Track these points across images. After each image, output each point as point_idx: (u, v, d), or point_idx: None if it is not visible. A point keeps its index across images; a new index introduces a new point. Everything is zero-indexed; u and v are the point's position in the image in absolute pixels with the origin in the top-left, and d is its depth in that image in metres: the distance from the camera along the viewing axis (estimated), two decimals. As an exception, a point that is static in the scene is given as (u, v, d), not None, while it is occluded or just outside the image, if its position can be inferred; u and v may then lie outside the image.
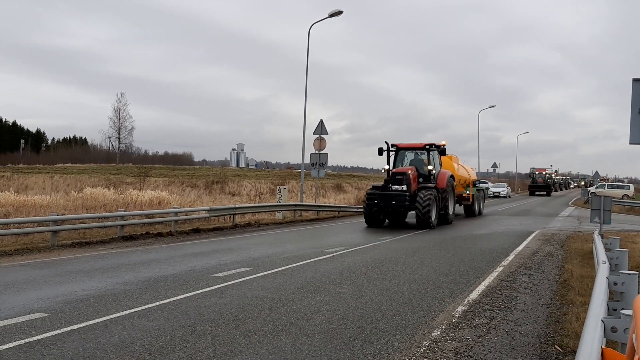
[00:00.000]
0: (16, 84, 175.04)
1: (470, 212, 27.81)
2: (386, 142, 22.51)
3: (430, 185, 21.05)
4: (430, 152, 22.36)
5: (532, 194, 68.28)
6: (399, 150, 22.94)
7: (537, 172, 72.07)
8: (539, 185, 69.15)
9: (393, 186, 20.48)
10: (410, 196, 20.11)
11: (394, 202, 20.06)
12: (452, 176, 23.07)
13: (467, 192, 26.69)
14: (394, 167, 22.10)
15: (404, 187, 20.23)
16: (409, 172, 20.65)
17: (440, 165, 23.08)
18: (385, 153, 22.40)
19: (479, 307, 7.76)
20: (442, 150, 22.42)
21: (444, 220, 22.00)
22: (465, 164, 32.15)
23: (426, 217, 19.86)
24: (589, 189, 56.83)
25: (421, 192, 20.19)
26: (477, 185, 29.34)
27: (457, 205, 26.29)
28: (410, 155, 23.13)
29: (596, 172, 57.99)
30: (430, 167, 21.76)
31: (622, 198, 43.32)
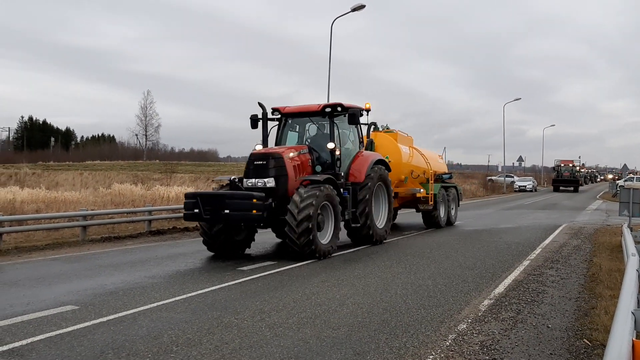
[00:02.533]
0: (47, 84, 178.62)
1: (432, 221, 17.93)
2: (261, 105, 13.08)
3: (326, 176, 11.71)
4: (335, 121, 12.79)
5: (556, 189, 58.77)
6: (286, 118, 13.43)
7: (562, 165, 61.97)
8: (565, 179, 59.51)
9: (248, 181, 11.45)
10: (278, 198, 11.09)
11: (226, 210, 10.45)
12: (382, 162, 14.03)
13: (423, 190, 17.34)
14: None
15: (270, 182, 11.22)
16: (283, 154, 11.55)
17: (372, 145, 15.16)
18: (261, 124, 13.15)
19: (505, 300, 7.69)
20: (351, 116, 12.55)
21: (360, 236, 13.07)
22: (436, 153, 22.21)
23: (304, 242, 10.56)
24: (617, 181, 55.72)
25: (299, 191, 10.86)
26: (444, 180, 19.43)
27: (411, 211, 19.36)
28: (312, 129, 13.60)
29: (624, 165, 56.81)
30: (330, 146, 12.31)
31: (652, 191, 42.38)
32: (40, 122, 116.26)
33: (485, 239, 14.95)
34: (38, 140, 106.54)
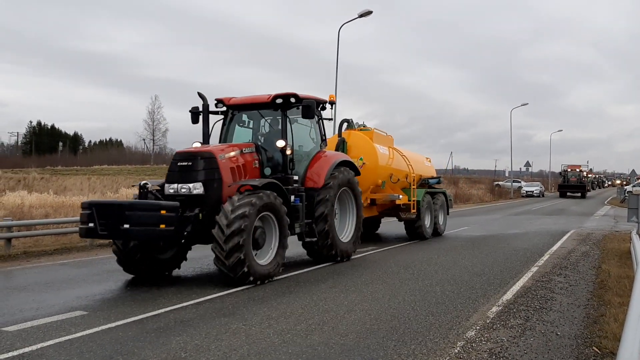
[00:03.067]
0: (56, 89, 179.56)
1: (415, 232, 15.83)
2: (201, 96, 11.12)
3: (268, 181, 9.62)
4: (289, 115, 10.77)
5: (562, 195, 57.39)
6: (233, 111, 11.28)
7: (569, 170, 59.90)
8: (572, 185, 57.71)
9: (170, 187, 9.29)
10: (210, 208, 9.04)
11: (126, 225, 8.28)
12: (348, 164, 12.01)
13: (402, 197, 15.07)
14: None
15: (196, 188, 9.12)
16: (216, 152, 9.50)
17: (344, 145, 14.05)
18: (202, 117, 11.12)
19: (513, 307, 7.66)
20: (305, 108, 10.37)
21: (319, 252, 11.09)
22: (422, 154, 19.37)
23: (234, 263, 8.53)
24: (625, 187, 55.39)
25: (232, 199, 8.89)
26: (430, 185, 17.60)
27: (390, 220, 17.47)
28: (264, 126, 11.34)
29: (632, 171, 56.45)
30: (279, 144, 10.33)
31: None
32: (49, 127, 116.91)
33: (493, 245, 14.90)
34: (46, 145, 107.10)
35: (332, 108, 11.99)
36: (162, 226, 8.33)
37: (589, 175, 77.77)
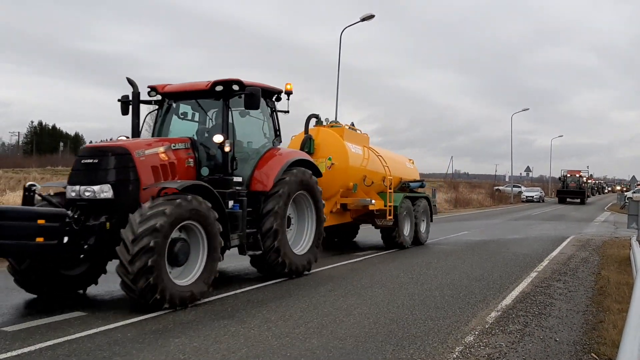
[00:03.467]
0: (57, 89, 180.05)
1: (392, 241, 14.28)
2: (131, 82, 9.40)
3: (192, 183, 8.16)
4: (232, 105, 9.31)
5: (562, 201, 55.80)
6: (169, 100, 9.74)
7: (569, 175, 58.75)
8: (571, 190, 56.35)
9: (72, 189, 7.68)
10: (122, 215, 7.36)
11: None
12: (306, 164, 10.52)
13: (375, 202, 13.56)
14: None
15: (104, 191, 7.51)
16: (132, 148, 7.92)
17: (310, 143, 12.91)
18: (132, 108, 9.43)
19: (512, 313, 7.66)
20: (249, 97, 8.85)
21: (266, 266, 9.60)
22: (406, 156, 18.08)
23: (143, 288, 6.93)
24: (625, 193, 55.36)
25: (143, 206, 7.27)
26: (411, 189, 16.02)
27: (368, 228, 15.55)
28: (211, 119, 9.72)
29: (633, 177, 56.46)
30: (217, 139, 8.79)
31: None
32: (50, 127, 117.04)
33: (493, 250, 14.89)
34: (47, 145, 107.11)
35: (288, 99, 10.44)
36: (40, 239, 6.68)
37: (589, 181, 76.36)
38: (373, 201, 13.41)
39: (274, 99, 10.28)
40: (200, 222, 7.63)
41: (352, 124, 14.75)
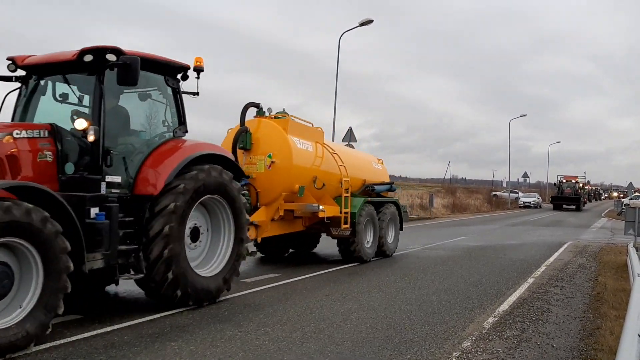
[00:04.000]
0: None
1: (349, 253, 12.37)
2: None
3: (10, 186, 5.82)
4: (102, 81, 7.05)
5: (557, 207, 53.44)
6: (34, 75, 7.65)
7: (564, 181, 56.72)
8: (566, 197, 54.04)
9: None
10: None
11: None
12: (219, 159, 8.29)
13: (323, 208, 11.28)
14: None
15: None
16: None
17: (246, 137, 10.92)
18: None
19: (509, 318, 7.66)
20: (124, 68, 6.87)
21: (158, 294, 7.33)
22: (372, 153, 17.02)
23: None
24: (622, 200, 55.45)
25: None
26: (377, 193, 13.93)
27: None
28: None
29: (630, 183, 56.51)
30: (79, 125, 6.86)
31: (657, 210, 42.09)
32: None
33: (490, 256, 14.90)
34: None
35: (198, 77, 8.33)
36: None
37: (586, 187, 74.28)
38: (321, 207, 11.12)
39: (178, 77, 8.14)
40: (30, 240, 5.53)
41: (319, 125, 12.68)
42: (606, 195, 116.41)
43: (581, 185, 59.15)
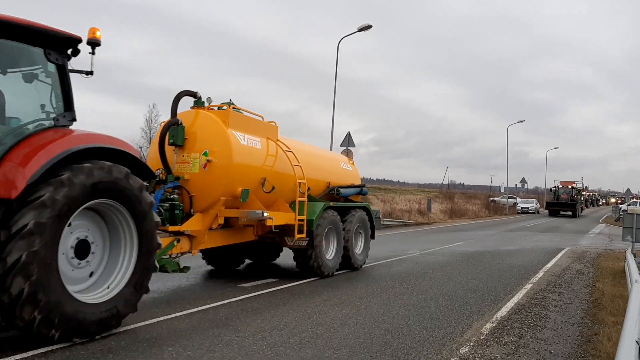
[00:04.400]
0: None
1: (307, 266, 10.79)
2: None
3: None
4: None
5: (552, 213, 52.15)
6: None
7: (560, 187, 55.65)
8: (562, 202, 52.77)
9: None
10: None
11: None
12: (112, 154, 6.51)
13: (268, 215, 9.49)
14: None
15: None
16: None
17: (178, 131, 9.29)
18: None
19: (507, 324, 7.66)
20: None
21: (21, 326, 5.57)
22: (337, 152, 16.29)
23: None
24: (620, 205, 55.51)
25: None
26: (344, 197, 12.47)
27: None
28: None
29: (628, 189, 56.71)
30: None
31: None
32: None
33: (488, 261, 14.90)
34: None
35: (93, 52, 6.77)
36: None
37: (584, 193, 73.71)
38: (266, 214, 9.30)
39: (68, 53, 6.59)
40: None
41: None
42: (604, 201, 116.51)
43: (578, 190, 57.90)
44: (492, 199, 63.54)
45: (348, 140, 27.21)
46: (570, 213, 51.82)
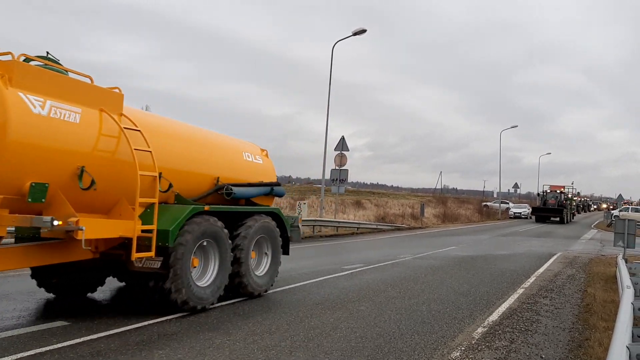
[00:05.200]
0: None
1: (162, 297, 7.35)
2: None
3: None
4: None
5: (539, 219, 49.08)
6: None
7: (549, 191, 52.77)
8: (549, 208, 49.25)
9: None
10: None
11: None
12: None
13: (58, 223, 6.04)
14: None
15: None
16: None
17: None
18: None
19: (499, 329, 7.66)
20: None
21: None
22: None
23: None
24: (612, 211, 55.75)
25: None
26: (236, 197, 8.99)
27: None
28: None
29: (620, 195, 57.00)
30: None
31: (646, 222, 42.38)
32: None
33: (480, 266, 14.91)
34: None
35: None
36: None
37: (575, 199, 70.67)
38: (55, 222, 6.08)
39: None
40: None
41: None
42: (595, 206, 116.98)
43: (569, 195, 54.62)
44: (484, 203, 63.68)
45: (342, 145, 27.24)
46: (557, 219, 48.49)
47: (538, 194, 54.56)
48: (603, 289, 11.27)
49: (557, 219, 48.31)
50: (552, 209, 48.61)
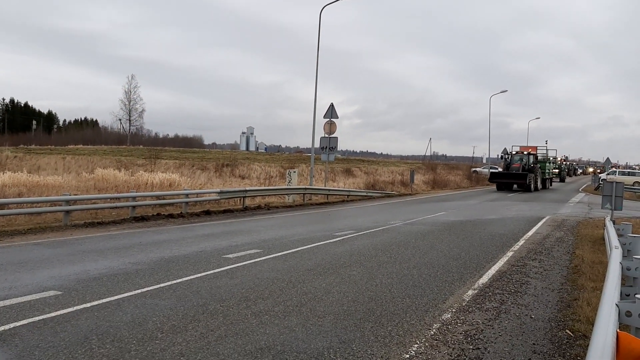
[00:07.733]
0: (30, 66, 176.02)
1: None
2: None
3: None
4: None
5: (500, 187, 41.26)
6: None
7: (514, 153, 43.75)
8: (510, 173, 40.56)
9: None
10: None
11: None
12: None
13: None
14: None
15: None
16: None
17: None
18: None
19: (489, 291, 7.76)
20: None
21: None
22: None
23: None
24: (600, 175, 56.24)
25: None
26: None
27: None
28: None
29: (607, 159, 57.33)
30: None
31: (632, 185, 42.95)
32: (22, 105, 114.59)
33: (470, 230, 15.05)
34: (19, 123, 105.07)
35: None
36: None
37: (558, 161, 65.52)
38: None
39: None
40: None
41: None
42: (581, 170, 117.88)
43: (536, 157, 45.25)
44: (474, 169, 64.02)
45: (331, 112, 27.10)
46: (521, 188, 40.14)
47: (501, 157, 46.23)
48: (591, 251, 11.43)
49: (522, 188, 40.14)
50: (514, 174, 40.25)
